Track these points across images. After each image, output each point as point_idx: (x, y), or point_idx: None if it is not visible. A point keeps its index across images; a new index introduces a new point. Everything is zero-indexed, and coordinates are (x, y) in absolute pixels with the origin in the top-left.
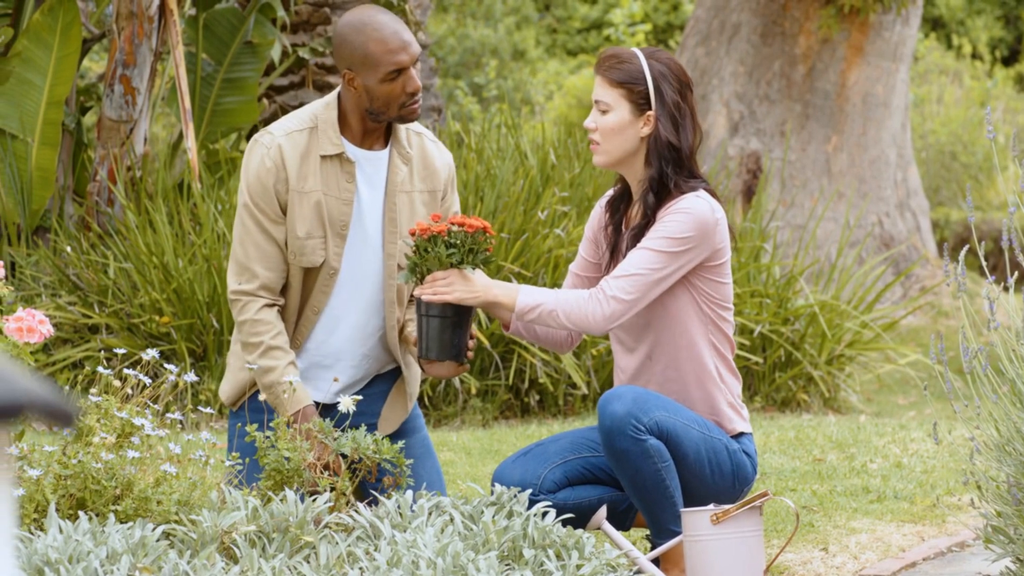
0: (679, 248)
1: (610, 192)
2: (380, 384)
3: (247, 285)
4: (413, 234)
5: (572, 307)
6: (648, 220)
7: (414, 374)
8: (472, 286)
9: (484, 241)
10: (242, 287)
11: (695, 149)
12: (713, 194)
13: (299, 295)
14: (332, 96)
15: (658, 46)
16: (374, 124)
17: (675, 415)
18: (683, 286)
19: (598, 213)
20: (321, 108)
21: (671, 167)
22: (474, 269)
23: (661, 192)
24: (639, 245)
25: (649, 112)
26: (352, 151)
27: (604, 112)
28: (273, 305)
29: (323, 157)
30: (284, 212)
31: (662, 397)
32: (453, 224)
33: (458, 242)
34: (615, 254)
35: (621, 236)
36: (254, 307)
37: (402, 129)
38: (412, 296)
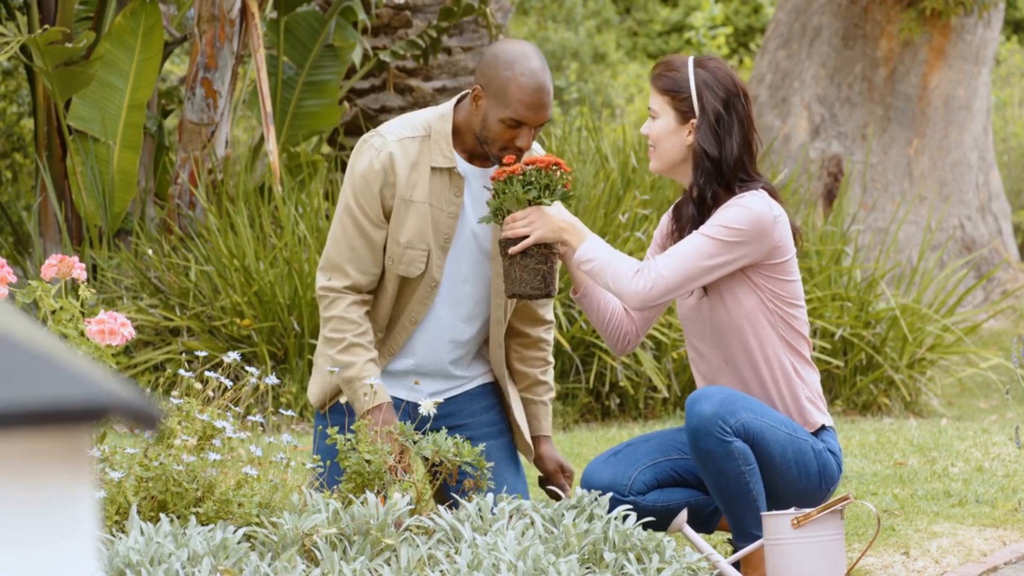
0: (731, 239)
1: (679, 199)
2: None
3: (336, 283)
4: (494, 180)
5: (619, 275)
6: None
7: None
8: (550, 222)
9: (559, 177)
10: (330, 283)
11: (744, 159)
12: (773, 193)
13: (393, 301)
14: (448, 107)
15: (738, 49)
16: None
17: (762, 417)
18: (748, 288)
19: (666, 220)
20: (435, 118)
21: (706, 177)
22: (551, 204)
23: (701, 205)
24: (695, 232)
25: (693, 120)
26: (463, 166)
27: (654, 119)
28: (361, 303)
29: (433, 169)
30: (387, 217)
31: (749, 398)
32: (527, 165)
33: (533, 179)
34: None
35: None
36: (342, 304)
37: None
38: (498, 240)
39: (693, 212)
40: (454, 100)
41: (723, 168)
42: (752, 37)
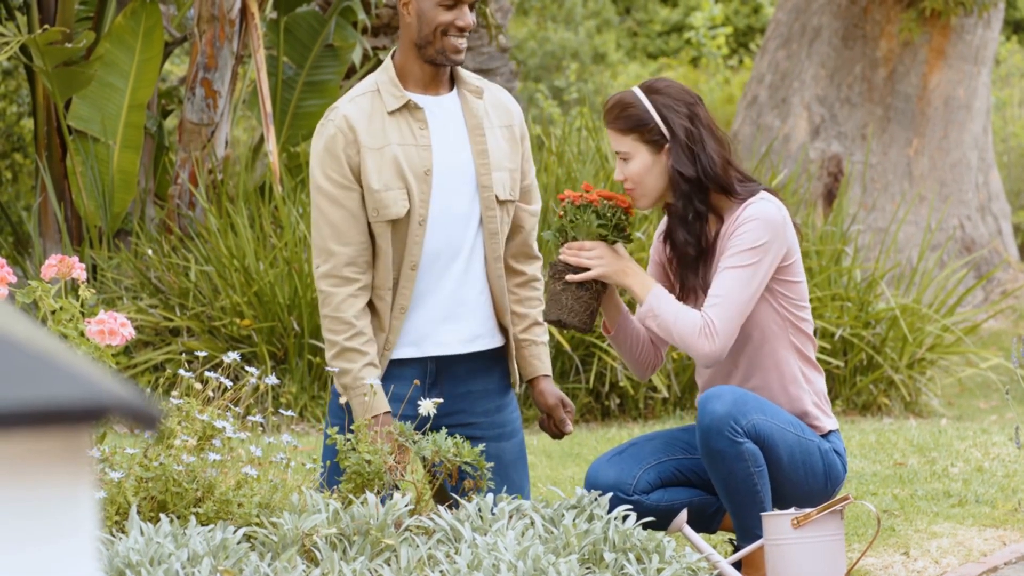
0: (758, 256)
1: (663, 225)
2: (483, 380)
3: (325, 266)
4: (562, 199)
5: (685, 335)
6: (700, 251)
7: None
8: (617, 263)
9: (627, 219)
10: (320, 269)
11: (721, 166)
12: (773, 192)
13: (391, 257)
14: (387, 59)
15: (738, 49)
16: (431, 67)
17: (772, 418)
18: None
19: (658, 242)
20: (378, 72)
21: (684, 199)
22: (614, 244)
23: (693, 225)
24: (723, 266)
25: (667, 145)
26: (419, 99)
27: (626, 160)
28: (356, 295)
29: (390, 113)
30: (358, 177)
31: (761, 399)
32: (604, 197)
33: (608, 215)
34: (684, 284)
35: (684, 255)
36: (335, 300)
37: (462, 71)
38: (553, 261)
39: (684, 235)
40: (392, 50)
41: (703, 182)
42: (752, 37)
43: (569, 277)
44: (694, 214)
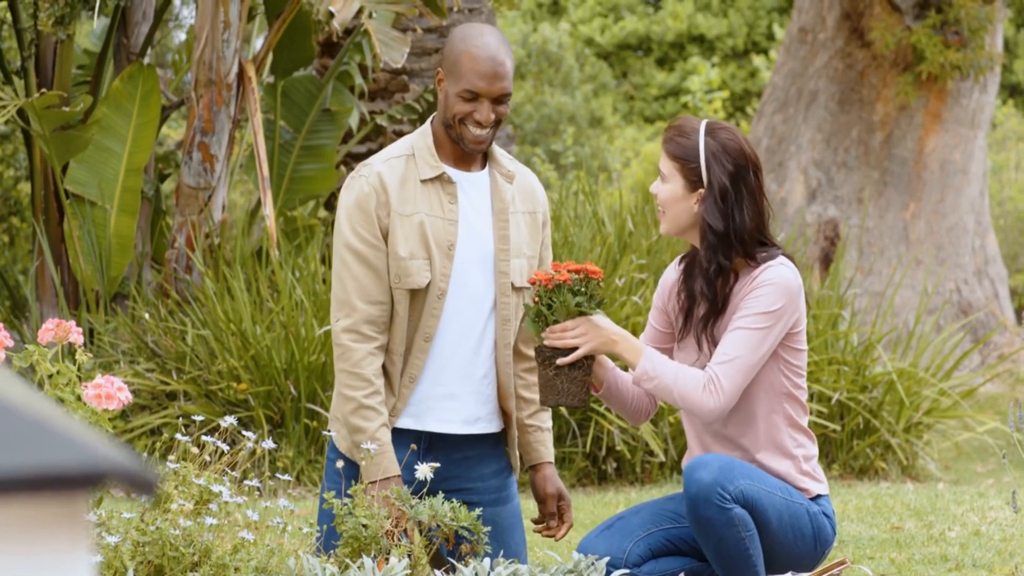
0: (771, 321)
1: (670, 271)
2: (479, 447)
3: (346, 320)
4: (534, 283)
5: (688, 392)
6: (714, 305)
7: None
8: (602, 334)
9: (599, 285)
10: (340, 323)
11: (749, 232)
12: (791, 258)
13: (406, 323)
14: (426, 124)
15: (735, 114)
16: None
17: (759, 483)
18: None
19: (666, 284)
20: (416, 136)
21: (711, 251)
22: (593, 314)
23: (714, 280)
24: (735, 326)
25: (701, 190)
26: (452, 172)
27: (664, 181)
28: (375, 352)
29: (423, 181)
30: (385, 238)
31: (746, 465)
32: (571, 271)
33: (582, 289)
34: (688, 321)
35: (696, 302)
36: (355, 356)
37: (498, 152)
38: (537, 347)
39: (702, 286)
40: (432, 116)
41: (731, 240)
42: (749, 101)
43: (560, 361)
44: (717, 268)
